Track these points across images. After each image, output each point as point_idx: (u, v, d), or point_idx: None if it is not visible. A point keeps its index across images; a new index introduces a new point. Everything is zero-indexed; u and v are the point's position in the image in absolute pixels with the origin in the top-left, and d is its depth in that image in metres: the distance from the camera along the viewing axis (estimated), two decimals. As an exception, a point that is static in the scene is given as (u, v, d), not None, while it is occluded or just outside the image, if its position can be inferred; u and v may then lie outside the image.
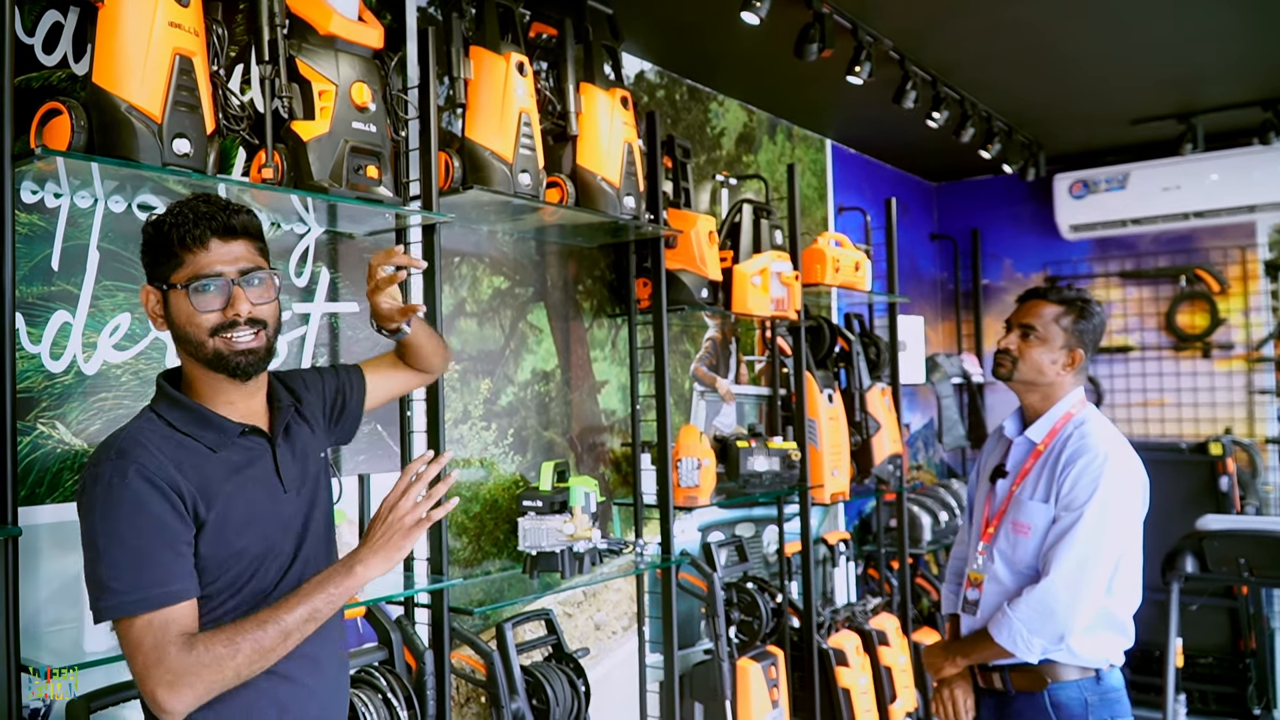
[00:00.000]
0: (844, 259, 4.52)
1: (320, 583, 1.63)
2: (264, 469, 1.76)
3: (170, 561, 1.58)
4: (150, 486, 1.57)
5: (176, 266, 1.66)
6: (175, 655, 1.53)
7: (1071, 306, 2.61)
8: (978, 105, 4.82)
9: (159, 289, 1.69)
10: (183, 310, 1.66)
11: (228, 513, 1.66)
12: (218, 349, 1.66)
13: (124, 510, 1.56)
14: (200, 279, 1.65)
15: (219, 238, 1.66)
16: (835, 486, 4.41)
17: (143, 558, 1.55)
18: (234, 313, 1.66)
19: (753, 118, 4.78)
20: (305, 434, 1.92)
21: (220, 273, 1.66)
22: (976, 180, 6.59)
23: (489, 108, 2.82)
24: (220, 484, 1.67)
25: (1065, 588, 2.41)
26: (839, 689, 4.36)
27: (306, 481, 1.85)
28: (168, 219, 1.67)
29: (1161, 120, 5.21)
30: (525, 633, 3.28)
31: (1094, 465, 2.46)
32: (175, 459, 1.63)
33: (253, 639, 1.56)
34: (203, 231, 1.65)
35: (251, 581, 1.70)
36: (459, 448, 3.21)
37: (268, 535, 1.74)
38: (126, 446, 1.61)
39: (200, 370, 1.71)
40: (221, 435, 1.70)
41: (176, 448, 1.65)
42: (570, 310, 3.68)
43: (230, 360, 1.67)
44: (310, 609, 1.60)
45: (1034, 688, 2.52)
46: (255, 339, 1.69)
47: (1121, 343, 6.09)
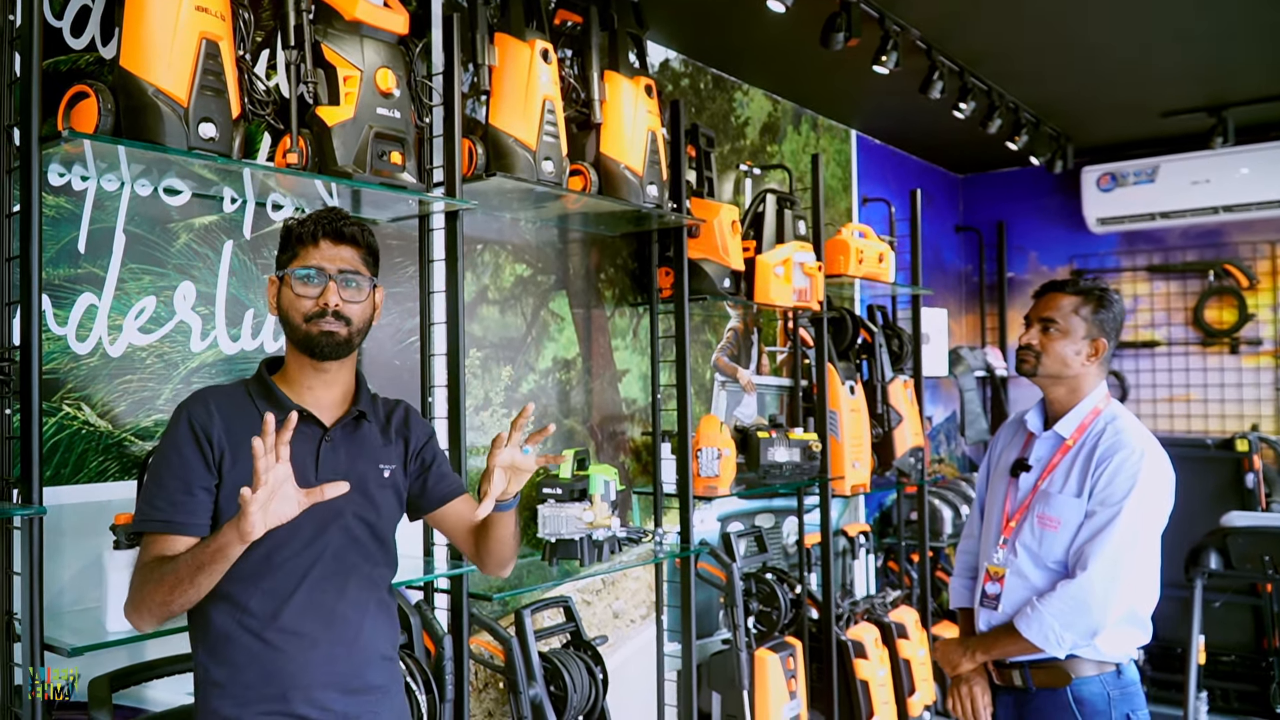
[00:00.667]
0: (868, 250, 4.50)
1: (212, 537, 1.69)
2: (302, 453, 1.85)
3: (180, 498, 1.77)
4: (189, 431, 1.80)
5: (291, 259, 1.90)
6: (135, 581, 1.76)
7: (1090, 296, 2.58)
8: (1005, 96, 4.78)
9: (276, 278, 1.91)
10: (287, 296, 1.89)
11: (245, 477, 1.73)
12: (308, 331, 1.86)
13: (165, 446, 1.81)
14: (306, 270, 1.87)
15: (329, 240, 1.89)
16: (856, 478, 4.40)
17: (161, 487, 1.78)
18: (324, 303, 1.85)
19: (778, 107, 4.76)
20: (376, 441, 1.98)
21: (322, 268, 1.87)
22: (1003, 172, 6.54)
23: (513, 95, 2.82)
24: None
25: (1102, 582, 2.39)
26: (857, 681, 4.35)
27: (351, 479, 1.85)
28: (295, 221, 1.92)
29: (1192, 113, 5.16)
30: (544, 619, 3.29)
31: (1131, 461, 2.44)
32: (227, 417, 1.83)
33: (162, 581, 1.70)
34: (316, 231, 1.88)
35: (260, 547, 1.74)
36: (480, 434, 3.22)
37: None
38: (193, 398, 1.86)
39: (292, 354, 1.93)
40: (276, 409, 1.82)
41: (235, 409, 1.86)
42: (592, 299, 3.68)
43: (315, 340, 1.86)
44: (197, 561, 1.68)
45: (1056, 684, 2.50)
46: (338, 327, 1.87)
47: (1148, 338, 6.03)
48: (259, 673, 1.80)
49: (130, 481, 2.30)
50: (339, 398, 1.95)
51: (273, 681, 1.80)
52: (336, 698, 1.85)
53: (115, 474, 2.31)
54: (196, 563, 1.68)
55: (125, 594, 2.03)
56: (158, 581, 1.71)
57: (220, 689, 1.80)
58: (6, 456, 1.99)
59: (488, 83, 2.82)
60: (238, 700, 1.79)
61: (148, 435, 2.38)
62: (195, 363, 2.50)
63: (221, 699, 1.79)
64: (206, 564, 1.68)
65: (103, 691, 2.09)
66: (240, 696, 1.79)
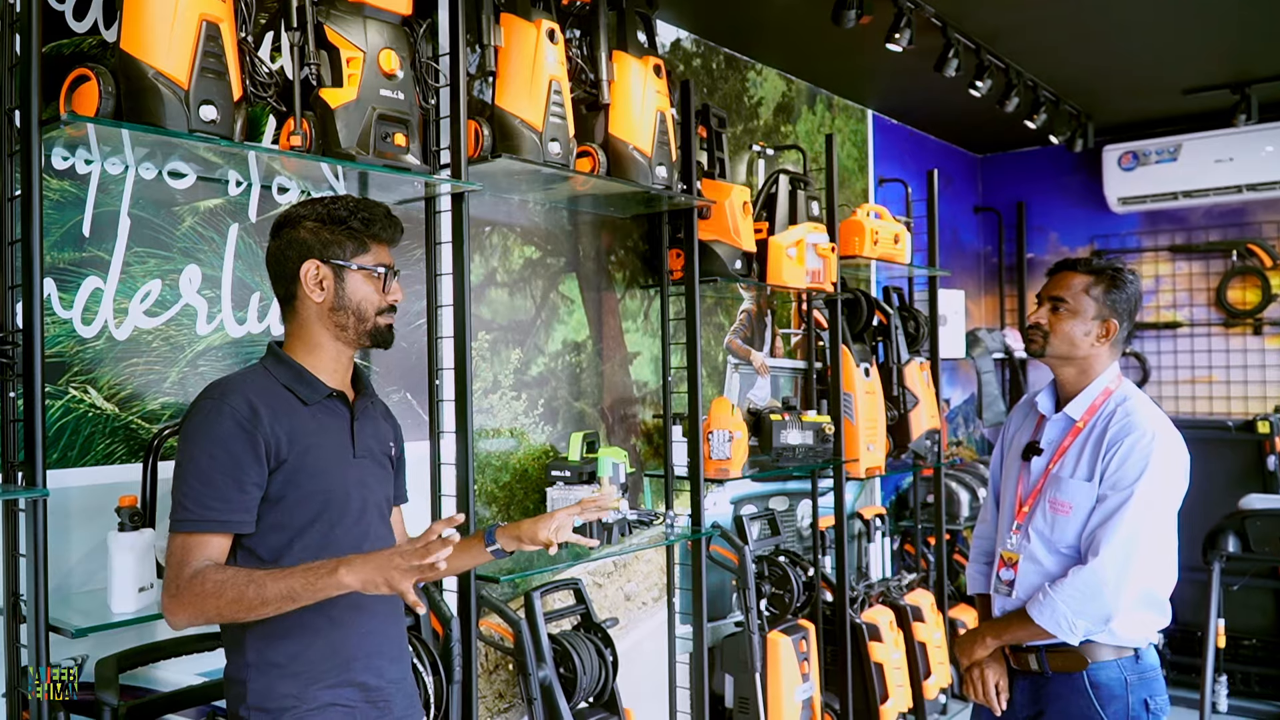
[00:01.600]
0: (883, 231, 4.46)
1: (310, 569, 1.71)
2: (341, 430, 1.94)
3: (232, 495, 1.77)
4: (236, 426, 1.78)
5: (362, 252, 1.92)
6: (184, 576, 1.73)
7: (1102, 276, 2.53)
8: (1023, 74, 4.72)
9: (334, 266, 1.90)
10: (360, 289, 1.92)
11: (305, 458, 1.84)
12: (377, 324, 1.94)
13: (207, 442, 1.78)
14: (383, 267, 1.94)
15: (395, 241, 1.98)
16: (870, 461, 4.37)
17: (210, 485, 1.76)
18: (394, 298, 1.96)
19: (791, 87, 4.72)
20: (380, 421, 2.09)
21: (392, 265, 1.96)
22: (1023, 152, 6.47)
23: (519, 76, 2.80)
24: (305, 432, 1.86)
25: (1114, 568, 2.35)
26: (872, 664, 4.34)
27: (376, 458, 2.02)
28: (360, 212, 1.92)
29: (1215, 90, 5.07)
30: (554, 602, 3.29)
31: (1143, 444, 2.40)
32: (270, 405, 1.83)
33: (236, 591, 1.70)
34: (393, 233, 1.97)
35: (317, 525, 1.85)
36: (489, 417, 3.21)
37: (336, 489, 1.89)
38: (226, 390, 1.83)
39: (325, 338, 1.93)
40: (313, 392, 1.90)
41: (273, 396, 1.86)
42: (602, 281, 3.67)
43: (384, 335, 1.96)
44: (289, 588, 1.70)
45: (1072, 668, 2.47)
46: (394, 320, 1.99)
47: (1170, 319, 5.96)
48: (324, 648, 1.86)
49: (136, 464, 2.31)
50: (349, 377, 2.02)
51: (338, 653, 1.87)
52: (388, 665, 1.96)
53: (122, 457, 2.32)
54: (287, 591, 1.69)
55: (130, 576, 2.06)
56: (231, 598, 1.70)
57: (281, 669, 1.83)
58: (11, 439, 2.00)
59: (493, 64, 2.80)
60: (303, 678, 1.84)
61: (155, 418, 2.39)
62: (201, 346, 2.50)
63: (283, 679, 1.83)
64: (301, 599, 1.70)
65: (110, 672, 2.11)
66: (306, 674, 1.84)
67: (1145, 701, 2.44)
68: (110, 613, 2.06)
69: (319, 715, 1.84)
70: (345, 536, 1.90)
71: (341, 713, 1.87)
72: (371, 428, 2.02)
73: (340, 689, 1.87)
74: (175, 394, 2.43)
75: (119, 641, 2.23)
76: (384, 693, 1.94)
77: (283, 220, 1.94)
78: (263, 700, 1.82)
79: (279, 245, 1.93)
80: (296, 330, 1.94)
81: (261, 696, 1.82)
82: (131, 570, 2.08)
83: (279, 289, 1.95)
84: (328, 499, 1.87)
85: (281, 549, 1.83)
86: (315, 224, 1.91)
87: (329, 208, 1.92)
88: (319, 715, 1.84)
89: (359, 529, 1.93)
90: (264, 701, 1.82)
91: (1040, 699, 2.55)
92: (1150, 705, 2.45)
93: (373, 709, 1.92)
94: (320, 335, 1.93)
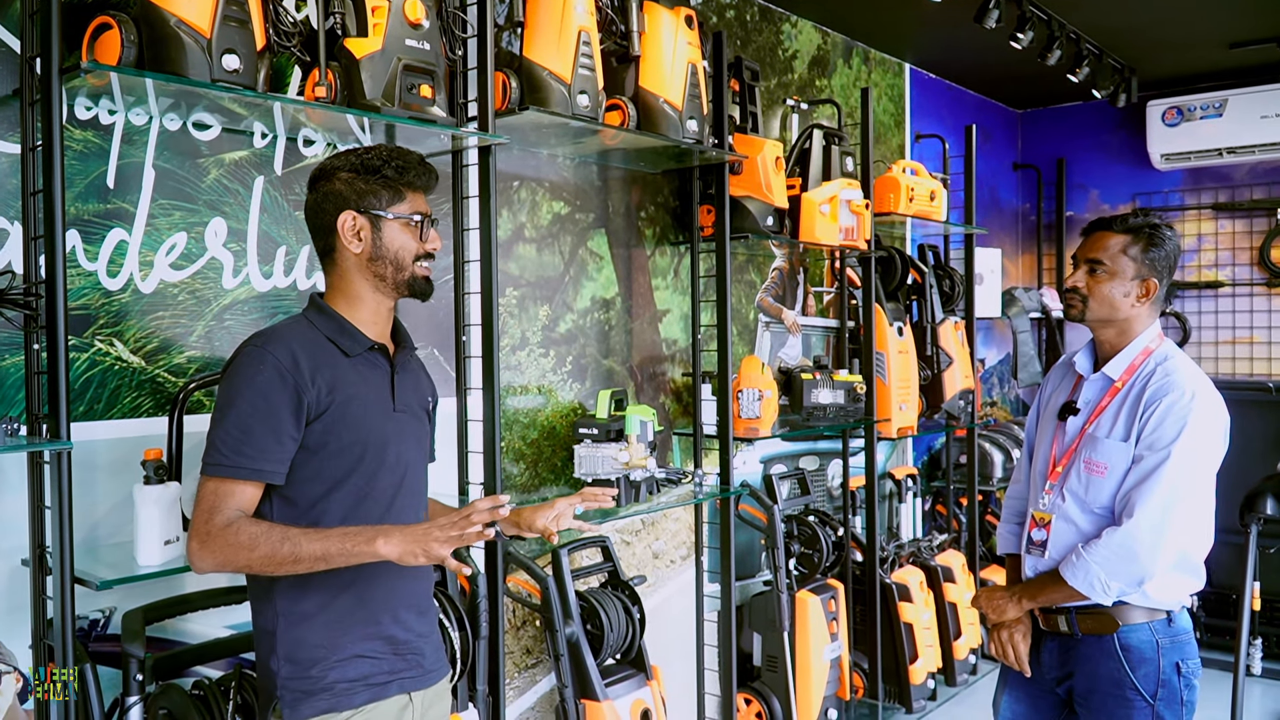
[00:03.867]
0: (919, 188, 4.38)
1: (348, 535, 1.73)
2: (382, 383, 1.94)
3: (269, 444, 1.77)
4: (277, 376, 1.78)
5: (398, 201, 1.91)
6: (215, 523, 1.73)
7: (1139, 234, 2.44)
8: (1066, 26, 4.59)
9: (371, 216, 1.89)
10: (397, 238, 1.90)
11: (346, 409, 1.84)
12: (415, 274, 1.93)
13: (248, 390, 1.77)
14: (419, 215, 1.92)
15: (428, 189, 1.97)
16: (902, 421, 4.33)
17: (248, 433, 1.76)
18: (432, 246, 1.94)
19: (827, 40, 4.62)
20: (420, 375, 2.09)
21: (429, 214, 1.95)
22: (1064, 107, 6.32)
23: (548, 26, 2.75)
24: (346, 383, 1.86)
25: (1149, 530, 2.30)
26: (901, 624, 4.32)
27: (415, 412, 2.01)
28: (394, 160, 1.90)
29: (1261, 44, 4.92)
30: (581, 559, 3.29)
31: (1181, 404, 2.33)
32: (312, 355, 1.83)
33: (270, 547, 1.71)
34: (429, 180, 1.96)
35: (354, 477, 1.85)
36: (516, 374, 3.19)
37: (375, 441, 1.89)
38: (269, 339, 1.83)
39: (365, 289, 1.93)
40: (355, 344, 1.90)
41: (316, 347, 1.86)
42: (632, 237, 3.62)
43: (421, 285, 1.94)
44: (325, 551, 1.71)
45: (1103, 630, 2.43)
46: (432, 271, 1.97)
47: (1211, 278, 5.84)
48: (352, 599, 1.86)
49: (163, 418, 2.31)
50: (388, 330, 2.01)
51: (365, 605, 1.87)
52: (415, 618, 1.97)
53: (149, 410, 2.32)
54: (322, 553, 1.71)
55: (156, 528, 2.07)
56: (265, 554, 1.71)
57: (310, 620, 1.83)
58: (36, 391, 2.00)
59: (522, 13, 2.75)
60: (332, 629, 1.84)
61: (181, 372, 2.38)
62: (228, 300, 2.49)
63: (313, 629, 1.83)
64: (335, 562, 1.72)
65: (136, 624, 2.12)
66: (335, 625, 1.84)
67: (1177, 665, 2.40)
68: (136, 565, 2.07)
69: (348, 666, 1.84)
70: (383, 490, 1.89)
71: (370, 664, 1.87)
72: (411, 381, 2.02)
73: (368, 640, 1.87)
74: (201, 348, 2.43)
75: (146, 594, 2.24)
76: (411, 645, 1.95)
77: (318, 173, 1.93)
78: (293, 651, 1.83)
79: (316, 198, 1.92)
80: (337, 282, 1.93)
81: (291, 647, 1.83)
82: (157, 523, 2.08)
83: (318, 242, 1.94)
84: (365, 451, 1.87)
85: (318, 499, 1.83)
86: (350, 174, 1.90)
87: (363, 158, 1.91)
88: (348, 666, 1.84)
89: (396, 482, 1.92)
90: (294, 652, 1.83)
91: (1069, 661, 2.51)
92: (1182, 669, 2.40)
93: (400, 661, 1.92)
94: (360, 286, 1.92)
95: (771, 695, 3.76)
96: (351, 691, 1.84)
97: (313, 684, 1.82)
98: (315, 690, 1.82)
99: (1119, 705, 2.41)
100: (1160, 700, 2.38)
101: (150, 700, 2.13)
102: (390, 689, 1.89)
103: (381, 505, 1.89)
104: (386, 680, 1.89)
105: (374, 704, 1.86)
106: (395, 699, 1.90)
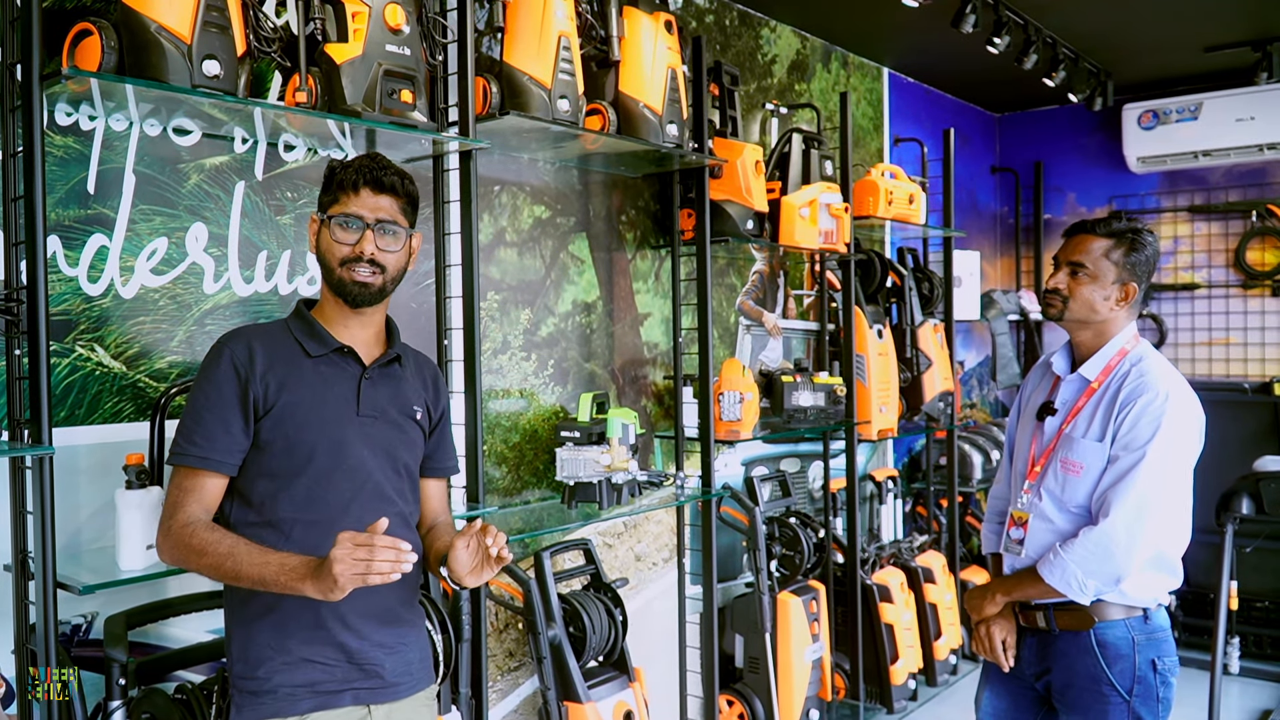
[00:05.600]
0: (897, 191, 4.41)
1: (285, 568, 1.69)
2: (345, 386, 1.92)
3: (217, 433, 1.81)
4: (231, 368, 1.83)
5: (332, 203, 1.92)
6: (176, 519, 1.78)
7: (1122, 239, 2.48)
8: (1042, 30, 4.64)
9: (321, 218, 1.94)
10: (325, 239, 1.92)
11: (295, 408, 1.85)
12: (341, 277, 1.90)
13: (205, 382, 1.85)
14: (345, 216, 1.90)
15: (370, 188, 1.91)
16: (883, 423, 4.36)
17: (199, 422, 1.82)
18: (359, 250, 1.89)
19: (806, 44, 4.65)
20: (410, 383, 2.04)
21: (360, 216, 1.90)
22: (1041, 111, 6.38)
23: (528, 31, 2.76)
24: (300, 383, 1.88)
25: (1125, 530, 2.34)
26: (882, 624, 4.35)
27: (391, 419, 1.97)
28: (339, 164, 1.94)
29: (1236, 47, 4.98)
30: (564, 562, 3.30)
31: (1155, 404, 2.37)
32: (269, 353, 1.87)
33: (215, 559, 1.73)
34: (358, 179, 1.90)
35: (303, 478, 1.85)
36: (498, 377, 3.20)
37: (330, 443, 1.87)
38: (234, 334, 1.90)
39: (328, 294, 1.96)
40: (320, 345, 1.92)
41: (278, 345, 1.89)
42: (613, 241, 3.64)
43: (348, 288, 1.91)
44: (261, 577, 1.71)
45: (1079, 627, 2.47)
46: (372, 277, 1.91)
47: (1188, 280, 5.90)
48: (298, 603, 1.82)
49: (144, 423, 2.31)
50: (373, 337, 2.00)
51: (311, 609, 1.83)
52: (375, 628, 1.91)
53: (130, 415, 2.32)
54: (259, 578, 1.70)
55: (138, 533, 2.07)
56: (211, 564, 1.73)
57: (259, 621, 1.84)
58: (17, 396, 2.00)
59: (502, 19, 2.77)
60: (280, 632, 1.84)
61: (162, 377, 2.38)
62: (209, 304, 2.49)
63: (261, 630, 1.84)
64: (270, 585, 1.70)
65: (119, 628, 2.12)
66: (282, 627, 1.84)
67: (1152, 662, 2.43)
68: (119, 570, 2.07)
69: (296, 670, 1.83)
70: (339, 493, 1.86)
71: (320, 670, 1.85)
72: (391, 388, 1.98)
73: (316, 645, 1.85)
74: (183, 353, 2.43)
75: (128, 599, 2.25)
76: (369, 656, 1.89)
77: None
78: (244, 651, 1.85)
79: None
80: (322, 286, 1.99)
81: (242, 648, 1.85)
82: (139, 528, 2.08)
83: None
84: (314, 451, 1.85)
85: (267, 497, 1.84)
86: (324, 180, 1.96)
87: (332, 162, 1.97)
88: (296, 670, 1.83)
89: (356, 487, 1.88)
90: (245, 652, 1.85)
91: (1048, 656, 2.55)
92: (1158, 665, 2.44)
93: (356, 670, 1.88)
94: (325, 291, 1.97)
95: (754, 696, 3.78)
96: (296, 697, 1.83)
97: (259, 684, 1.83)
98: (261, 692, 1.82)
99: (1095, 701, 2.44)
100: (1136, 696, 2.41)
101: (133, 705, 2.13)
102: (343, 698, 1.86)
103: (335, 509, 1.86)
104: (339, 689, 1.86)
105: (321, 712, 1.84)
106: (349, 709, 1.87)
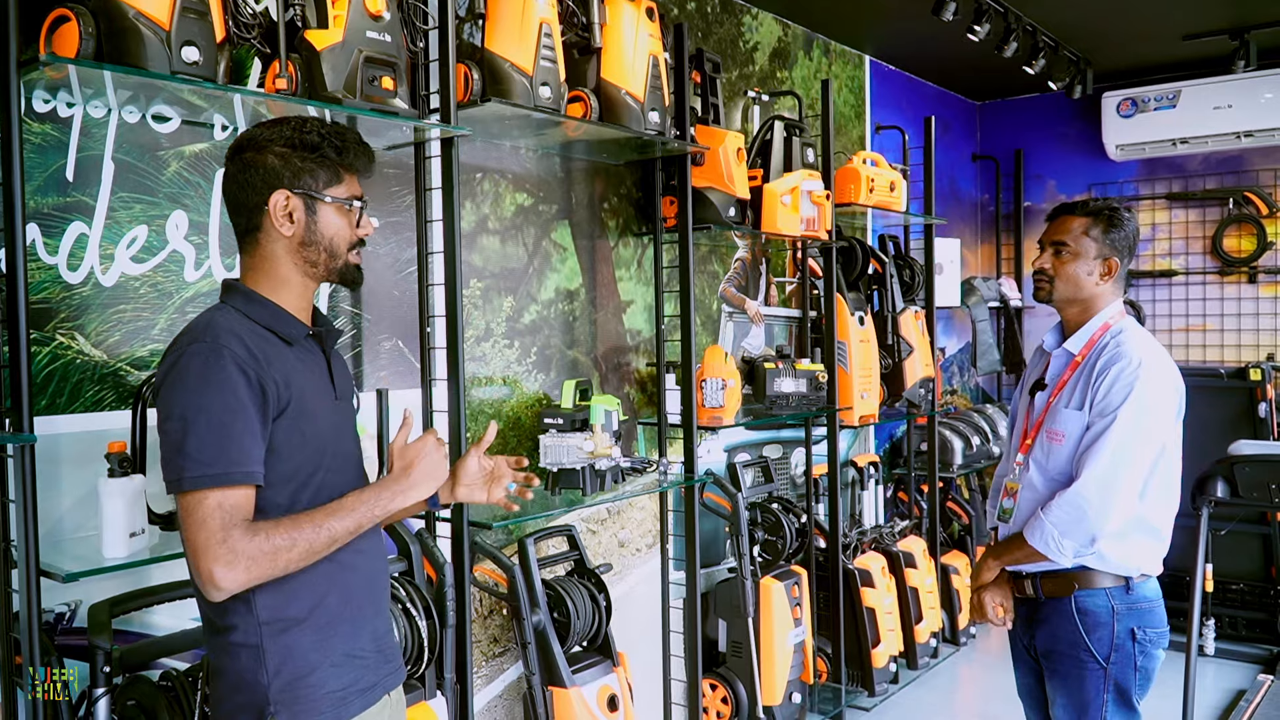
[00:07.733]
0: (879, 179, 4.43)
1: (363, 498, 1.72)
2: (321, 371, 1.83)
3: (250, 445, 1.63)
4: (240, 373, 1.63)
5: (335, 183, 1.77)
6: (239, 538, 1.58)
7: (1100, 216, 2.60)
8: (1022, 18, 4.66)
9: (307, 197, 1.75)
10: (333, 223, 1.77)
11: (303, 401, 1.73)
12: (348, 261, 1.81)
13: (216, 390, 1.61)
14: (356, 200, 1.80)
15: (368, 171, 1.85)
16: (864, 409, 4.38)
17: (228, 436, 1.61)
18: (364, 233, 1.83)
19: (788, 32, 4.66)
20: (343, 360, 1.97)
21: (363, 198, 1.83)
22: (1021, 99, 6.41)
23: (509, 18, 2.76)
24: (297, 375, 1.75)
25: (1096, 490, 2.41)
26: (864, 609, 4.38)
27: (348, 400, 1.92)
28: (332, 138, 1.76)
29: (1214, 36, 5.02)
30: (547, 548, 3.31)
31: (1128, 371, 2.46)
32: (260, 350, 1.69)
33: (308, 539, 1.64)
34: (367, 163, 1.82)
35: (318, 474, 1.75)
36: (481, 365, 3.21)
37: (329, 433, 1.79)
38: (218, 333, 1.66)
39: (294, 274, 1.78)
40: (295, 331, 1.78)
41: (259, 340, 1.71)
42: (595, 228, 3.64)
43: (352, 272, 1.83)
44: (357, 523, 1.70)
45: (1061, 593, 2.54)
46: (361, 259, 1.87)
47: (1166, 266, 5.94)
48: (339, 597, 1.76)
49: (126, 411, 2.31)
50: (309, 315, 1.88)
51: (351, 601, 1.78)
52: (384, 614, 1.91)
53: (112, 403, 2.32)
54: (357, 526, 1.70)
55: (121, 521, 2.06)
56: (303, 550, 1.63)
57: (301, 624, 1.71)
58: (-2, 385, 1.99)
59: (483, 5, 2.76)
60: (323, 631, 1.73)
61: (143, 365, 2.38)
62: (190, 292, 2.49)
63: (303, 634, 1.71)
64: (365, 527, 1.72)
65: (103, 616, 2.12)
66: (325, 627, 1.74)
67: (1132, 631, 2.50)
68: (102, 558, 2.07)
69: (341, 671, 1.75)
70: (339, 485, 1.78)
71: (359, 665, 1.79)
72: (341, 366, 1.91)
73: (355, 639, 1.78)
74: (163, 340, 2.42)
75: (112, 587, 2.24)
76: (387, 641, 1.89)
77: (244, 143, 1.75)
78: (283, 661, 1.69)
79: (240, 171, 1.74)
80: (260, 264, 1.77)
81: (281, 658, 1.69)
82: (122, 516, 2.08)
83: (239, 220, 1.77)
84: (323, 445, 1.76)
85: (285, 506, 1.70)
86: (285, 149, 1.73)
87: (298, 132, 1.74)
88: (341, 671, 1.75)
89: (351, 466, 1.85)
90: (284, 663, 1.69)
91: (1034, 623, 2.64)
92: (1137, 635, 2.50)
93: (381, 658, 1.85)
94: (287, 270, 1.78)
95: (737, 680, 3.81)
96: (347, 699, 1.75)
97: (312, 692, 1.70)
98: (315, 698, 1.71)
99: (1073, 666, 2.53)
100: (1113, 664, 2.50)
101: (118, 692, 2.12)
102: (376, 693, 1.82)
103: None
104: (373, 684, 1.82)
105: (364, 712, 1.79)
106: (380, 704, 1.84)
